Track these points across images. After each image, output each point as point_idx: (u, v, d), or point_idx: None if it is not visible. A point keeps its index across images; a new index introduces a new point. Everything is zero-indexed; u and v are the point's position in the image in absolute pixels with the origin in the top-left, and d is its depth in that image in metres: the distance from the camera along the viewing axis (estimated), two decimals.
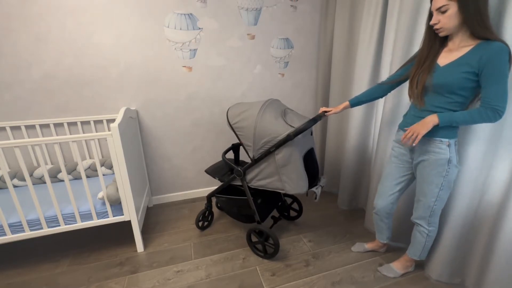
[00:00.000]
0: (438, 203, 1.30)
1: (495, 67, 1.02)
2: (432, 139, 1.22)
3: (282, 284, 1.51)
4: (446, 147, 1.20)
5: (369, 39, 1.82)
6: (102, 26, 1.85)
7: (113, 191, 1.57)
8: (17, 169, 1.84)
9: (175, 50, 2.05)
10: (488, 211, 1.30)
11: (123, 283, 1.53)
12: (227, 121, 1.60)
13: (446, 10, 1.05)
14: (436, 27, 1.12)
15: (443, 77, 1.14)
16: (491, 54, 1.02)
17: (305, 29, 2.35)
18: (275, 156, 1.48)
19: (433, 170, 1.25)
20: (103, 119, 2.02)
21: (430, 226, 1.37)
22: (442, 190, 1.27)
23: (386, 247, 1.74)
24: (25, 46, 1.76)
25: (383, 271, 1.58)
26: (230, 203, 1.80)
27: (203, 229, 2.00)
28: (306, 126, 1.41)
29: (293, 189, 1.51)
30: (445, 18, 1.07)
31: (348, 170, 2.16)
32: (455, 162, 1.22)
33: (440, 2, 1.05)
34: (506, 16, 1.09)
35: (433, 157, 1.23)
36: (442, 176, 1.24)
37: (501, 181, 1.23)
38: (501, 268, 1.24)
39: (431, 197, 1.29)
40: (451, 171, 1.23)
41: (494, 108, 1.05)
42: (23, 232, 1.50)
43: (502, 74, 1.02)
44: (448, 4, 1.04)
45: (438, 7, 1.07)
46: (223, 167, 1.91)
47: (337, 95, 2.25)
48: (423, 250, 1.43)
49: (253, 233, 1.73)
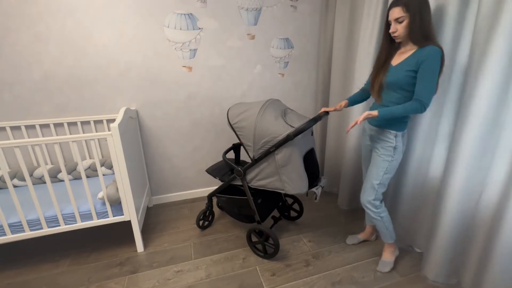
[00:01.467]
0: (380, 187, 1.47)
1: (427, 67, 1.22)
2: (384, 130, 1.43)
3: (282, 284, 1.51)
4: (393, 137, 1.40)
5: (369, 39, 1.82)
6: (102, 26, 1.85)
7: (113, 191, 1.57)
8: (17, 169, 1.84)
9: (175, 50, 2.05)
10: (485, 212, 1.30)
11: (123, 283, 1.53)
12: (228, 121, 1.61)
13: (402, 21, 1.26)
14: (395, 35, 1.31)
15: (394, 75, 1.34)
16: (426, 55, 1.21)
17: (305, 29, 2.35)
18: (275, 156, 1.48)
19: (381, 155, 1.44)
20: (103, 119, 2.02)
21: (377, 208, 1.50)
22: (386, 174, 1.45)
23: (375, 235, 1.87)
24: (25, 46, 1.76)
25: (379, 268, 1.62)
26: (230, 203, 1.80)
27: (203, 229, 2.00)
28: (306, 126, 1.41)
29: (293, 189, 1.51)
30: (401, 27, 1.27)
31: (348, 170, 2.16)
32: (400, 150, 1.43)
33: (397, 13, 1.25)
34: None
35: (383, 145, 1.44)
36: (387, 161, 1.43)
37: (499, 182, 1.23)
38: (498, 269, 1.23)
39: (376, 179, 1.46)
40: (396, 157, 1.43)
41: (420, 101, 1.24)
42: (23, 232, 1.50)
43: (431, 73, 1.22)
44: (404, 16, 1.24)
45: (396, 18, 1.27)
46: (223, 167, 1.91)
47: (337, 95, 2.25)
48: (389, 231, 1.56)
49: (253, 233, 1.73)
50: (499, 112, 1.17)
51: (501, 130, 1.19)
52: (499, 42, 1.09)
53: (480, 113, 1.18)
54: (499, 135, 1.20)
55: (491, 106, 1.16)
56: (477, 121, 1.19)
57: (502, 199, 1.20)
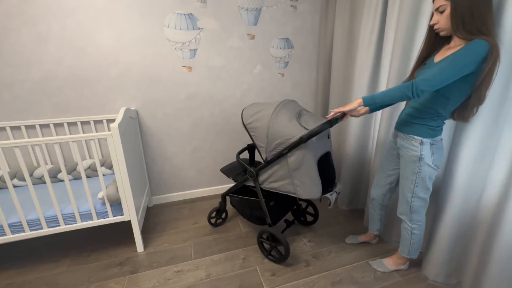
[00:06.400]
0: (415, 200, 1.33)
1: (452, 54, 1.02)
2: (407, 136, 1.28)
3: (282, 284, 1.51)
4: (418, 145, 1.23)
5: (369, 39, 1.82)
6: (102, 26, 1.85)
7: (113, 191, 1.57)
8: (17, 169, 1.84)
9: (175, 50, 2.05)
10: (485, 212, 1.30)
11: (123, 283, 1.53)
12: (242, 121, 1.58)
13: (443, 10, 1.06)
14: (436, 27, 1.12)
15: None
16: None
17: (305, 29, 2.35)
18: (288, 159, 1.44)
19: (407, 166, 1.30)
20: (103, 119, 2.02)
21: (412, 223, 1.40)
22: (417, 187, 1.30)
23: (377, 238, 1.82)
24: (25, 46, 1.76)
25: (373, 265, 1.62)
26: (242, 203, 1.78)
27: (216, 226, 2.03)
28: (320, 129, 1.32)
29: (305, 193, 1.46)
30: (443, 18, 1.08)
31: (348, 170, 2.16)
32: (429, 161, 1.23)
33: (439, 2, 1.07)
34: (504, 14, 1.08)
35: (407, 153, 1.29)
36: (414, 173, 1.27)
37: (499, 182, 1.23)
38: (498, 269, 1.23)
39: (408, 192, 1.34)
40: (423, 170, 1.25)
41: (414, 82, 1.05)
42: (23, 232, 1.50)
43: (451, 60, 1.02)
44: (445, 4, 1.05)
45: (437, 7, 1.09)
46: (238, 167, 1.90)
47: (337, 95, 2.25)
48: (411, 248, 1.46)
49: (263, 236, 1.71)
50: (499, 112, 1.16)
51: (501, 130, 1.19)
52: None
53: (481, 113, 1.18)
54: (499, 135, 1.20)
55: (492, 106, 1.16)
56: (477, 120, 1.19)
57: (502, 199, 1.20)
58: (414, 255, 1.49)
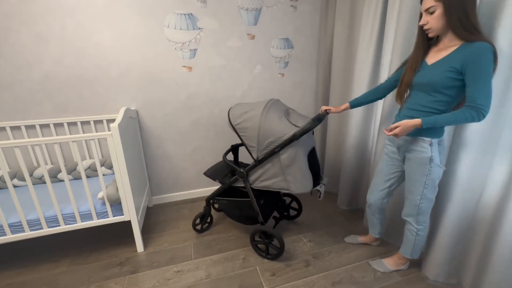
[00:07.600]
0: (424, 201, 1.32)
1: (479, 66, 1.02)
2: (415, 138, 1.25)
3: (282, 284, 1.51)
4: (428, 146, 1.22)
5: (369, 39, 1.82)
6: (102, 26, 1.85)
7: (113, 191, 1.57)
8: (17, 169, 1.84)
9: (175, 50, 2.05)
10: (485, 212, 1.30)
11: (123, 283, 1.53)
12: (229, 122, 1.59)
13: (433, 11, 1.08)
14: (425, 28, 1.13)
15: (428, 76, 1.17)
16: (475, 53, 1.02)
17: (305, 29, 2.35)
18: (280, 156, 1.48)
19: (417, 168, 1.28)
20: (103, 119, 2.02)
21: (418, 225, 1.39)
22: (426, 189, 1.29)
23: (379, 241, 1.79)
24: (25, 46, 1.76)
25: (373, 265, 1.61)
26: (231, 205, 1.78)
27: (201, 232, 1.98)
28: (312, 126, 1.42)
29: (298, 188, 1.50)
30: (433, 19, 1.09)
31: (348, 170, 2.16)
32: (438, 161, 1.24)
33: (428, 3, 1.08)
34: (503, 15, 1.08)
35: (416, 155, 1.27)
36: (425, 175, 1.26)
37: (499, 182, 1.22)
38: (498, 269, 1.23)
39: (416, 194, 1.32)
40: (433, 170, 1.25)
41: (477, 108, 1.05)
42: (23, 232, 1.50)
43: (485, 73, 1.02)
44: (435, 5, 1.06)
45: (426, 8, 1.09)
46: (223, 169, 1.89)
47: (337, 95, 2.25)
48: (414, 249, 1.46)
49: (258, 235, 1.71)
50: (499, 112, 1.17)
51: (501, 130, 1.19)
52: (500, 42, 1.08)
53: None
54: (499, 135, 1.20)
55: (492, 106, 1.15)
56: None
57: (502, 199, 1.20)
58: (416, 255, 1.49)
